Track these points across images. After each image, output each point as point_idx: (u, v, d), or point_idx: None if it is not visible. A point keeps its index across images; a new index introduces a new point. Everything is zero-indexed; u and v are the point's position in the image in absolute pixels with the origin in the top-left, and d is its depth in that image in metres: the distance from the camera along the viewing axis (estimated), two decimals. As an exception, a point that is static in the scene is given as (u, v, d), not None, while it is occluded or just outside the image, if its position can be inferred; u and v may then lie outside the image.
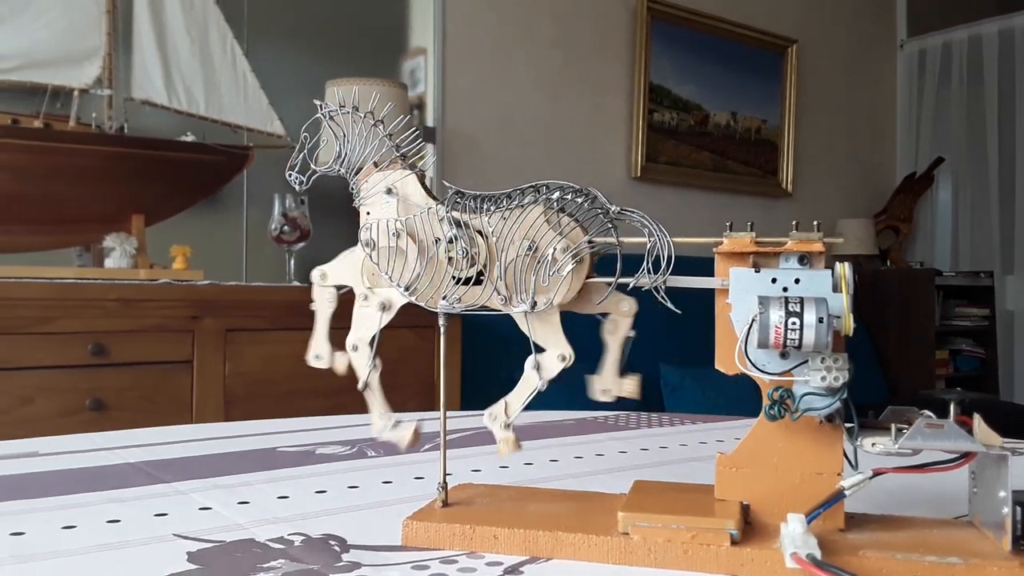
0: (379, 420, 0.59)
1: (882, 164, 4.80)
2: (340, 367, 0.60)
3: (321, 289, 0.60)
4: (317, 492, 0.69)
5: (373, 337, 0.59)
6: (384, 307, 0.59)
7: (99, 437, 0.92)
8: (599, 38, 3.56)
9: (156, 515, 0.62)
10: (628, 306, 0.57)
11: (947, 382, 4.51)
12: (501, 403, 0.58)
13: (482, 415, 0.59)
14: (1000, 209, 4.49)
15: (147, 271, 2.18)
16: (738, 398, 0.92)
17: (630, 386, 0.57)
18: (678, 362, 3.08)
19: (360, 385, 0.59)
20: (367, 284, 0.59)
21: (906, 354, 4.18)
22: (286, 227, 2.52)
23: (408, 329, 2.32)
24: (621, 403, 1.21)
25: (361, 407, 1.13)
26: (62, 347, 1.94)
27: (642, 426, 1.05)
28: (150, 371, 2.04)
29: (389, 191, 0.58)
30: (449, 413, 1.13)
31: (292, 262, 2.50)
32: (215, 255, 2.59)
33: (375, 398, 0.59)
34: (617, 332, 0.57)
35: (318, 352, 0.60)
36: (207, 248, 2.51)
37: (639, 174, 3.64)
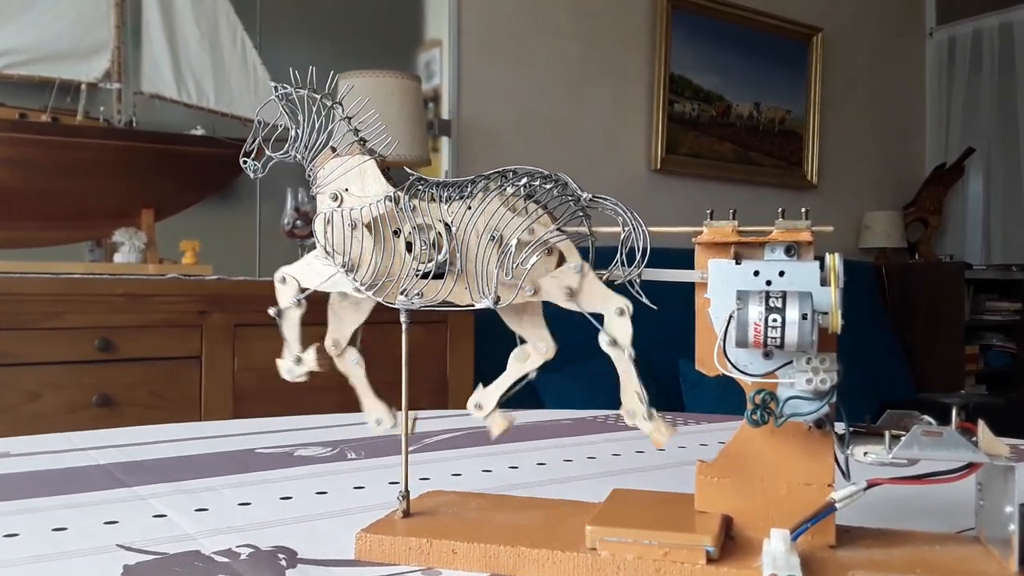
0: (285, 360, 0.56)
1: (911, 155, 4.69)
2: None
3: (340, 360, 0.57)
4: (282, 498, 0.65)
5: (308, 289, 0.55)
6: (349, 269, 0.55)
7: (76, 437, 0.89)
8: (618, 28, 3.50)
9: (106, 523, 0.58)
10: (546, 348, 0.53)
11: (977, 378, 4.41)
12: (632, 399, 0.52)
13: (469, 414, 0.55)
14: (1033, 201, 4.38)
15: (155, 266, 2.16)
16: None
17: (498, 423, 0.54)
18: (684, 352, 3.02)
19: (273, 311, 0.56)
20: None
21: (935, 349, 4.08)
22: (299, 221, 2.49)
23: (418, 324, 2.28)
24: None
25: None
26: (69, 343, 1.92)
27: (642, 426, 1.00)
28: (158, 367, 2.02)
29: (336, 197, 0.54)
30: (434, 412, 1.09)
31: (305, 257, 2.47)
32: (228, 250, 2.57)
33: (290, 334, 0.56)
34: (524, 362, 0.53)
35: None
36: (220, 243, 2.49)
37: (659, 166, 3.57)
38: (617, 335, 0.51)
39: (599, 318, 0.51)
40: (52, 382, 1.91)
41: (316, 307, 0.56)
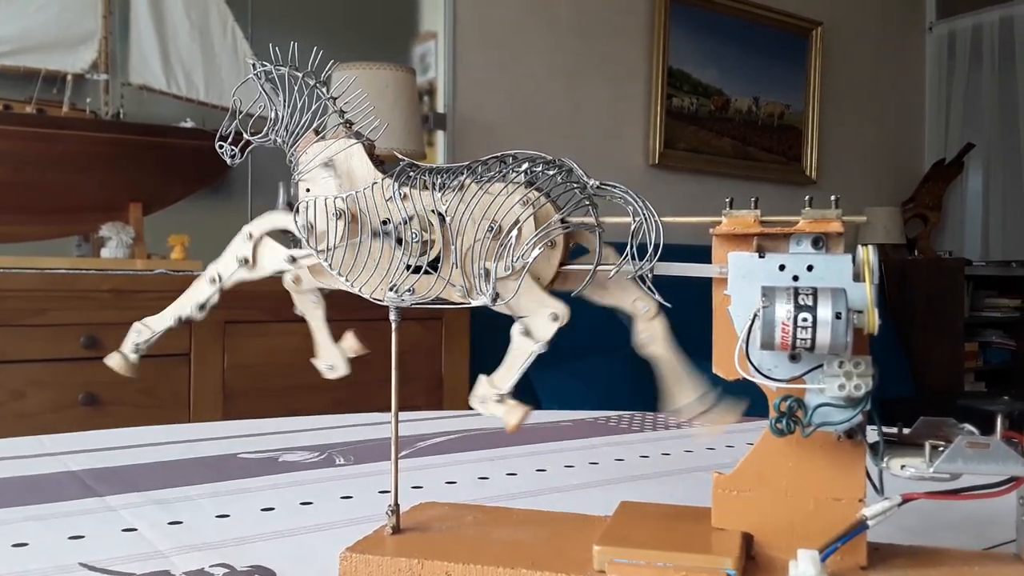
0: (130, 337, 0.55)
1: (910, 150, 4.65)
2: None
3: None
4: (263, 510, 0.60)
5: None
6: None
7: (49, 440, 0.84)
8: (616, 21, 3.45)
9: (71, 538, 0.54)
10: (647, 307, 0.48)
11: (976, 375, 4.38)
12: (484, 381, 0.48)
13: (464, 415, 0.51)
14: (1033, 197, 4.34)
15: (143, 261, 2.11)
16: (762, 393, 0.83)
17: (513, 415, 0.47)
18: (697, 354, 2.97)
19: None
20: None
21: (934, 346, 4.04)
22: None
23: (415, 321, 2.24)
24: (623, 403, 1.10)
25: (368, 405, 1.06)
26: (54, 339, 1.87)
27: (646, 428, 0.96)
28: (146, 364, 1.92)
29: (327, 164, 0.50)
30: (428, 414, 1.05)
31: (296, 252, 2.41)
32: (218, 245, 2.50)
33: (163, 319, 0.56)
34: (654, 343, 0.48)
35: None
36: (210, 238, 2.43)
37: (657, 161, 3.53)
38: (536, 331, 0.46)
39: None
40: (37, 380, 1.86)
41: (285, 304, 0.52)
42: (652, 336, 0.48)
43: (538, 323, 0.47)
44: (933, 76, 4.69)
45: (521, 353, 0.47)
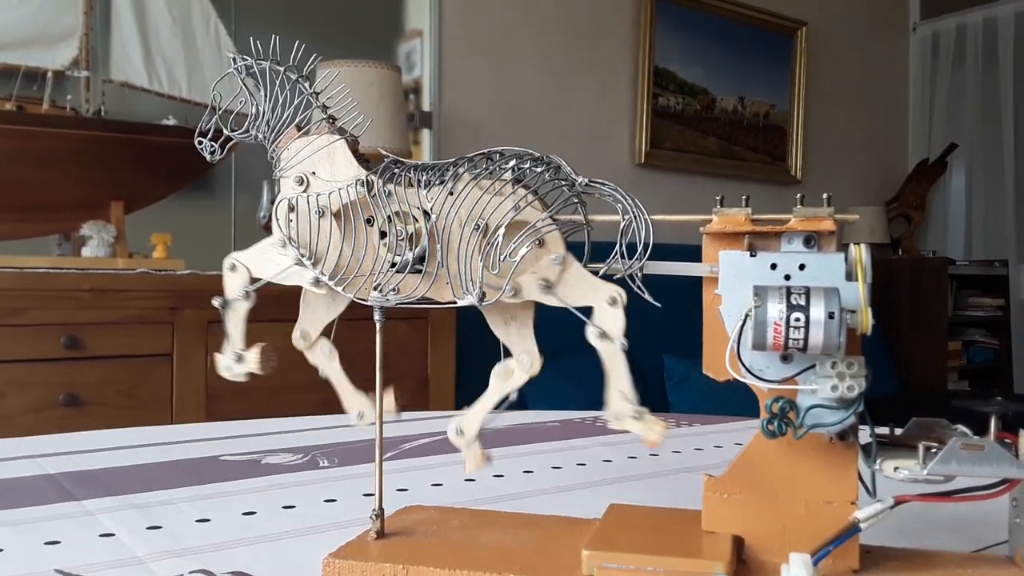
0: (225, 356, 0.50)
1: (894, 150, 4.67)
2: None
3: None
4: (245, 514, 0.59)
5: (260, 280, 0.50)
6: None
7: (25, 443, 0.83)
8: (601, 19, 3.45)
9: (47, 543, 0.52)
10: (531, 362, 0.47)
11: (960, 374, 4.40)
12: (617, 396, 0.46)
13: (449, 416, 0.50)
14: (1015, 197, 4.36)
15: (125, 260, 2.09)
16: (748, 392, 0.82)
17: (475, 458, 0.47)
18: (683, 352, 2.97)
19: (218, 301, 0.50)
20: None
21: (918, 345, 4.06)
22: (275, 214, 2.42)
23: (401, 320, 2.22)
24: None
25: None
26: (34, 340, 1.85)
27: (633, 429, 0.95)
28: (128, 365, 1.95)
29: (301, 180, 0.49)
30: (414, 414, 1.04)
31: (281, 251, 2.39)
32: (201, 244, 2.49)
33: (234, 329, 0.50)
34: (506, 379, 0.48)
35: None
36: (192, 237, 2.41)
37: (643, 160, 3.53)
38: (607, 326, 0.45)
39: (588, 311, 0.46)
40: (16, 380, 1.83)
41: (268, 302, 0.51)
42: (506, 372, 0.47)
43: (607, 317, 0.45)
44: (917, 76, 4.71)
45: (617, 360, 0.45)
